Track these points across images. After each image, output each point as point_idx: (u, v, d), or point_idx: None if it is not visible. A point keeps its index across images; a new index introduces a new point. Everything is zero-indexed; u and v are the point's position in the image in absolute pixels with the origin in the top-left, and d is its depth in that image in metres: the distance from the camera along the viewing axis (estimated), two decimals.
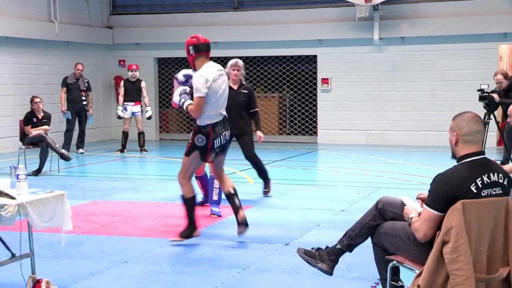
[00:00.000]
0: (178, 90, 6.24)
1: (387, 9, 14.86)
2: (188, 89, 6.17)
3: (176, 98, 6.26)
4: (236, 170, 10.75)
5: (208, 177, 7.66)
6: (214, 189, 7.48)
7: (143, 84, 13.75)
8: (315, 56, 15.76)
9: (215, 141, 6.15)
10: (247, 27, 15.85)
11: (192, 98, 6.13)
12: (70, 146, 13.08)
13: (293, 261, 5.50)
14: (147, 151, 13.80)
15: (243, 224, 6.30)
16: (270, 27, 15.67)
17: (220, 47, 16.05)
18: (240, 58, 16.53)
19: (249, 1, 16.45)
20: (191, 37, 6.17)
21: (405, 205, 4.02)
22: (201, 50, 6.12)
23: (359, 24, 14.95)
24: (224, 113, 6.22)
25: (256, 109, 8.60)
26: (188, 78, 6.23)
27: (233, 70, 8.46)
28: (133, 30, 16.71)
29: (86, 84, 13.36)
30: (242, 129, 8.38)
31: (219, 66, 6.25)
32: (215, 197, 7.50)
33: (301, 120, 16.29)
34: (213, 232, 6.69)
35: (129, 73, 13.72)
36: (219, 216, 7.42)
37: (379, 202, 4.21)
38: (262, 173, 8.76)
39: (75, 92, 13.23)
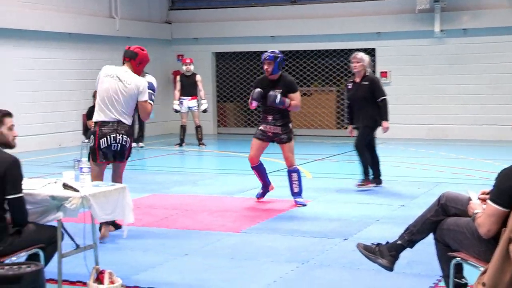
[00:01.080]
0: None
1: (449, 0, 14.53)
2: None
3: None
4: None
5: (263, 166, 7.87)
6: (293, 182, 7.71)
7: (198, 77, 13.81)
8: (373, 49, 15.54)
9: (100, 141, 6.02)
10: (305, 20, 15.76)
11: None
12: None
13: (352, 256, 5.45)
14: (205, 145, 13.91)
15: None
16: (328, 20, 15.55)
17: (277, 41, 16.04)
18: (297, 52, 16.62)
19: None
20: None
21: (471, 200, 3.92)
22: (124, 56, 6.32)
23: (419, 16, 14.66)
24: (118, 117, 6.02)
25: (381, 98, 8.50)
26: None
27: (352, 63, 8.65)
28: (191, 25, 16.86)
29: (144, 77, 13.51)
30: (362, 121, 8.60)
31: (122, 72, 6.15)
32: (296, 189, 7.70)
33: None
34: (271, 226, 6.69)
35: (183, 67, 13.84)
36: (304, 205, 7.62)
37: (441, 197, 4.12)
38: (362, 168, 8.72)
39: None
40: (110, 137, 6.01)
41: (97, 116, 6.09)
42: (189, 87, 13.70)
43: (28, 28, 12.98)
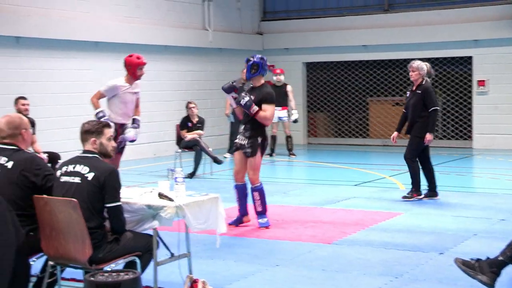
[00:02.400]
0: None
1: None
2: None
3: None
4: (386, 175, 10.53)
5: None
6: (255, 200, 7.09)
7: (288, 88, 13.82)
8: (470, 58, 15.07)
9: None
10: (398, 29, 15.50)
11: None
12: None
13: (448, 271, 5.28)
14: (295, 155, 13.90)
15: None
16: (422, 28, 15.21)
17: (369, 50, 15.88)
18: (390, 61, 16.38)
19: (400, 2, 16.08)
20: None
21: None
22: None
23: None
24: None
25: (432, 109, 8.29)
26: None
27: (409, 72, 8.54)
28: (282, 35, 16.95)
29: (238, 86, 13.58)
30: (411, 130, 8.44)
31: None
32: (258, 208, 7.09)
33: (455, 124, 15.65)
34: (363, 237, 6.59)
35: (273, 78, 13.90)
36: (267, 227, 7.04)
37: None
38: (412, 180, 8.54)
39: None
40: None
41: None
42: (279, 98, 13.70)
43: (126, 41, 13.45)
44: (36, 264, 4.50)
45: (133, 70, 7.55)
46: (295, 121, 13.87)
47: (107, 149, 4.45)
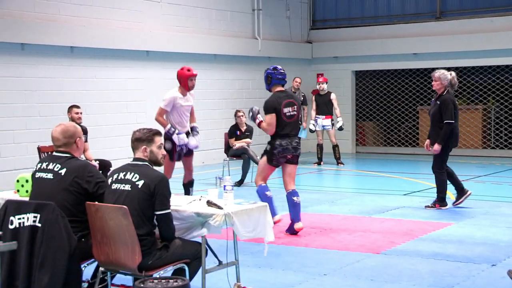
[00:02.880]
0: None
1: None
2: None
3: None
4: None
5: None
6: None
7: (332, 96, 13.74)
8: None
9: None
10: (449, 36, 15.26)
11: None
12: None
13: (501, 283, 5.17)
14: (343, 164, 13.80)
15: None
16: (475, 36, 14.94)
17: (420, 58, 15.70)
18: (441, 69, 16.16)
19: (452, 9, 15.83)
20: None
21: None
22: None
23: None
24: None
25: (446, 121, 8.26)
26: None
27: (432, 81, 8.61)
28: (331, 44, 16.90)
29: (302, 98, 13.44)
30: (432, 139, 8.47)
31: None
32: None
33: (508, 133, 15.30)
34: (412, 248, 6.50)
35: (317, 86, 13.86)
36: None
37: None
38: (437, 190, 8.54)
39: None
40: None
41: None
42: (323, 106, 13.68)
43: (176, 50, 13.64)
44: (87, 269, 4.59)
45: (185, 82, 7.93)
46: (340, 128, 13.73)
47: (157, 157, 4.52)
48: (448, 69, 15.69)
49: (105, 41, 12.28)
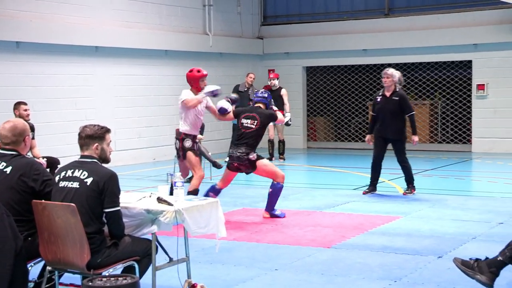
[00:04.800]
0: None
1: None
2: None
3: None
4: (385, 179, 10.53)
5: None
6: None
7: (283, 91, 13.78)
8: (469, 61, 15.10)
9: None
10: (398, 33, 15.53)
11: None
12: None
13: (447, 275, 5.29)
14: (284, 159, 13.92)
15: None
16: (422, 32, 15.24)
17: (369, 54, 15.90)
18: (390, 65, 16.40)
19: (400, 6, 16.10)
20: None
21: None
22: None
23: None
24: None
25: (410, 114, 8.99)
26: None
27: (383, 78, 9.06)
28: (282, 40, 16.98)
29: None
30: (394, 134, 9.01)
31: None
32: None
33: (454, 128, 15.67)
34: (362, 241, 6.60)
35: (268, 82, 13.91)
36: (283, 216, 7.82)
37: None
38: (408, 178, 9.19)
39: (244, 101, 13.51)
40: (174, 142, 7.97)
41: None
42: (274, 102, 13.63)
43: (127, 46, 13.49)
44: (34, 269, 4.51)
45: (196, 83, 7.79)
46: (287, 124, 13.68)
47: (107, 154, 4.47)
48: (397, 65, 16.07)
49: (52, 36, 12.04)
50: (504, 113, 14.63)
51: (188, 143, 7.74)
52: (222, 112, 7.85)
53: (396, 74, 8.96)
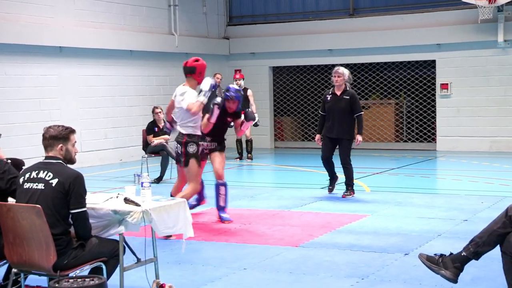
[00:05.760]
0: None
1: None
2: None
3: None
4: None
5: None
6: (220, 195, 7.64)
7: (249, 92, 13.82)
8: (433, 61, 15.32)
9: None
10: (363, 33, 15.67)
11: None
12: None
13: (413, 271, 5.35)
14: (252, 159, 13.96)
15: None
16: (387, 32, 15.41)
17: (334, 54, 16.02)
18: (355, 65, 16.58)
19: (365, 7, 16.25)
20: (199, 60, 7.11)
21: None
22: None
23: (482, 26, 14.37)
24: (179, 128, 7.03)
25: (359, 113, 8.93)
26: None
27: (334, 77, 8.98)
28: (248, 40, 17.00)
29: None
30: (341, 133, 8.91)
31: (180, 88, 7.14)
32: (222, 204, 7.64)
33: (419, 127, 15.87)
34: (330, 240, 6.64)
35: (234, 83, 13.91)
36: (230, 221, 7.55)
37: (509, 209, 4.01)
38: (348, 181, 9.06)
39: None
40: (176, 146, 7.08)
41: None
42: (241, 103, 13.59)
43: (92, 46, 13.35)
44: None
45: (203, 73, 7.06)
46: (256, 124, 13.71)
47: (72, 155, 4.41)
48: (362, 64, 16.20)
49: (15, 37, 11.86)
50: (467, 112, 14.87)
51: (192, 148, 6.89)
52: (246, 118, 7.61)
53: (346, 72, 8.91)
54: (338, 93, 8.94)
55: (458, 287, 4.27)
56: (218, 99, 7.58)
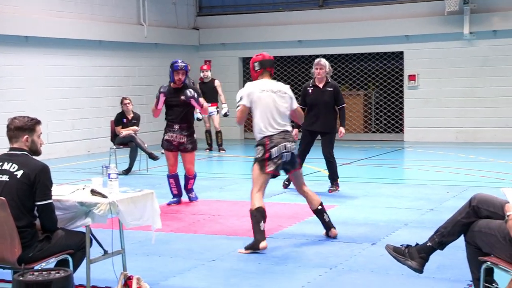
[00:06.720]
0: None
1: (478, 2, 14.37)
2: None
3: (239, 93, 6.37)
4: (321, 169, 10.67)
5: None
6: (189, 182, 8.16)
7: (217, 83, 13.77)
8: (401, 53, 15.45)
9: (272, 151, 6.05)
10: (332, 24, 15.73)
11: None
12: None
13: (380, 261, 5.41)
14: (224, 150, 13.94)
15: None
16: (356, 24, 15.49)
17: (304, 45, 16.04)
18: (324, 56, 16.61)
19: None
20: (256, 55, 6.41)
21: (508, 202, 3.85)
22: (266, 66, 6.33)
23: (449, 18, 14.53)
24: (281, 127, 6.18)
25: (343, 105, 8.77)
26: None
27: (316, 69, 8.78)
28: (218, 31, 16.93)
29: (192, 85, 13.34)
30: (326, 126, 8.68)
31: (274, 84, 6.27)
32: (190, 186, 8.19)
33: (387, 118, 16.01)
34: (299, 230, 6.67)
35: (201, 74, 13.86)
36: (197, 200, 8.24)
37: (473, 199, 4.06)
38: (332, 175, 8.84)
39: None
40: (281, 147, 6.07)
41: (266, 131, 6.15)
42: (208, 93, 13.54)
43: (58, 36, 13.16)
44: None
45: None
46: (225, 115, 13.69)
47: (37, 146, 4.36)
48: (331, 55, 16.25)
49: None
50: (434, 103, 15.05)
51: (259, 152, 6.19)
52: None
53: (327, 64, 8.74)
54: (321, 85, 8.66)
55: (424, 275, 4.32)
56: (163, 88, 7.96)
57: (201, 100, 7.92)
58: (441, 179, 9.77)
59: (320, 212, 6.33)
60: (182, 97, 7.78)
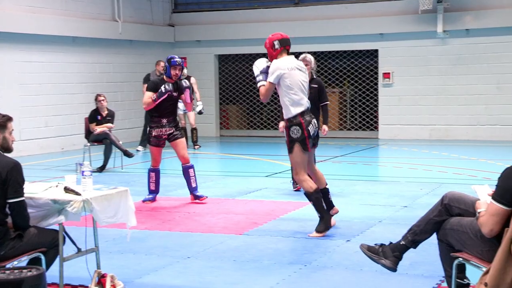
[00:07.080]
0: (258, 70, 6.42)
1: (451, 1, 14.52)
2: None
3: (256, 71, 6.44)
4: None
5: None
6: (191, 177, 8.11)
7: (192, 80, 13.69)
8: (376, 51, 15.55)
9: (309, 129, 6.20)
10: (307, 22, 15.77)
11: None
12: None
13: (355, 257, 5.44)
14: (200, 146, 13.93)
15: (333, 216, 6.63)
16: (331, 21, 15.55)
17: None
18: (300, 53, 16.61)
19: None
20: (273, 34, 6.49)
21: (479, 199, 3.91)
22: (285, 44, 6.40)
23: (422, 17, 14.66)
24: (308, 104, 6.31)
25: (326, 103, 8.70)
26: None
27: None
28: (194, 28, 16.88)
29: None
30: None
31: (296, 61, 6.40)
32: (194, 184, 8.11)
33: (362, 115, 16.12)
34: (273, 228, 6.68)
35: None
36: (205, 197, 8.05)
37: (444, 197, 4.11)
38: None
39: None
40: (313, 124, 6.25)
41: (298, 108, 6.20)
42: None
43: (32, 32, 13.01)
44: None
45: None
46: (200, 112, 13.59)
47: (9, 143, 4.31)
48: (308, 53, 16.21)
49: None
50: (408, 101, 15.18)
51: (297, 132, 6.18)
52: None
53: (313, 60, 8.56)
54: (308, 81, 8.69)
55: (398, 272, 4.36)
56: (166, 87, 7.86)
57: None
58: (415, 176, 9.86)
59: (326, 192, 6.60)
60: (175, 94, 7.94)
